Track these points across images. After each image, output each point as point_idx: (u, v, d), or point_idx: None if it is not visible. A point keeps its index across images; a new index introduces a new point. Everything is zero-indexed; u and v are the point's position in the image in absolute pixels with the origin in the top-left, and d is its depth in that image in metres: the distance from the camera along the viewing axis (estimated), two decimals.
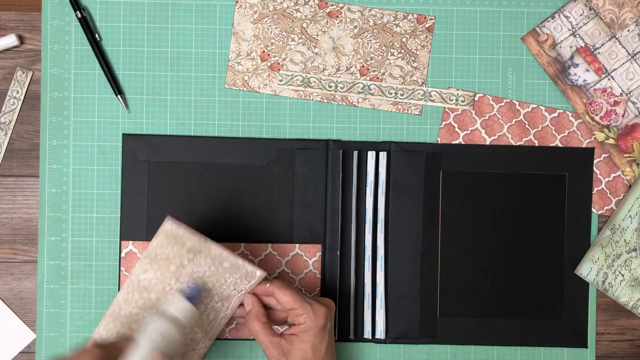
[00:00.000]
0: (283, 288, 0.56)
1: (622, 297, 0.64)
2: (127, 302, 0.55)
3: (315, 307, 0.55)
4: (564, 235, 0.65)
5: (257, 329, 0.56)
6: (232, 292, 0.56)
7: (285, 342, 0.55)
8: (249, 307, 0.57)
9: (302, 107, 0.65)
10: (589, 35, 0.65)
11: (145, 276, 0.55)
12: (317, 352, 0.55)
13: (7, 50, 0.65)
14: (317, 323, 0.55)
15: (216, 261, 0.55)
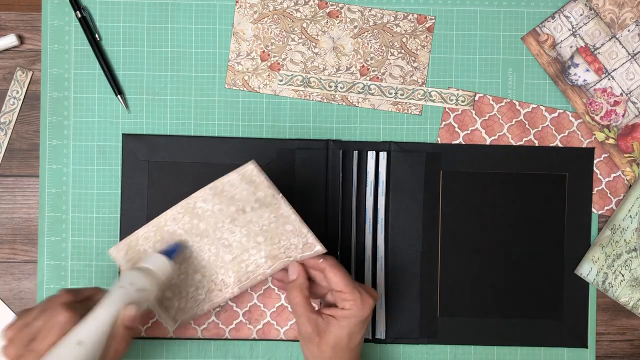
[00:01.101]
0: (336, 268, 0.53)
1: (622, 297, 0.64)
2: (175, 220, 0.55)
3: (364, 297, 0.53)
4: (564, 235, 0.65)
5: (297, 301, 0.53)
6: (281, 255, 0.55)
7: (322, 321, 0.53)
8: (293, 276, 0.54)
9: (302, 107, 0.65)
10: (589, 35, 0.65)
11: (202, 205, 0.54)
12: (351, 340, 0.54)
13: (7, 50, 0.65)
14: (362, 313, 0.53)
15: (280, 220, 0.54)
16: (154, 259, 0.52)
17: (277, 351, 0.65)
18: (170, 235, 0.55)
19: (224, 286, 0.56)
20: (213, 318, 0.64)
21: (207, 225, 0.55)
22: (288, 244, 0.54)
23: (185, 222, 0.55)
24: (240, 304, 0.64)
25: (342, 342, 0.53)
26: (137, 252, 0.56)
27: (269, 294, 0.64)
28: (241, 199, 0.53)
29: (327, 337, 0.53)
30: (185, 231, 0.55)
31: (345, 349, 0.53)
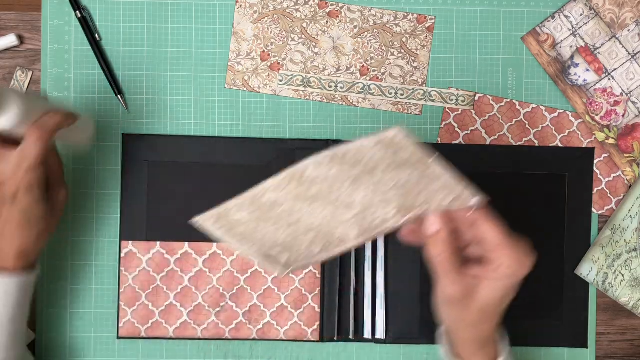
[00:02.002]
0: (491, 220, 0.45)
1: (622, 297, 0.64)
2: (278, 188, 0.48)
3: (524, 254, 0.46)
4: (564, 235, 0.65)
5: (444, 257, 0.45)
6: (416, 205, 0.47)
7: (470, 281, 0.46)
8: (435, 228, 0.46)
9: (302, 107, 0.65)
10: (589, 35, 0.65)
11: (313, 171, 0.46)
12: (502, 303, 0.47)
13: (7, 50, 0.65)
14: (521, 272, 0.46)
15: (424, 180, 0.45)
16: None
17: (277, 351, 0.65)
18: (272, 204, 0.48)
19: (345, 241, 0.49)
20: (213, 318, 0.64)
21: (319, 189, 0.47)
22: (429, 197, 0.46)
23: (290, 190, 0.47)
24: (240, 304, 0.64)
25: (493, 305, 0.46)
26: (230, 220, 0.50)
27: (269, 293, 0.64)
28: (371, 161, 0.45)
29: (476, 300, 0.46)
30: (291, 199, 0.47)
31: (494, 312, 0.47)
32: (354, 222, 0.48)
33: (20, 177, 0.50)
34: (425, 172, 0.44)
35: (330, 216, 0.48)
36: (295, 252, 0.50)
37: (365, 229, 0.48)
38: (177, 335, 0.64)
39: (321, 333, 0.64)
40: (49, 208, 0.54)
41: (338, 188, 0.46)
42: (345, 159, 0.45)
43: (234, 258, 0.64)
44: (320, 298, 0.64)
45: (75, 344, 0.64)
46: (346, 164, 0.45)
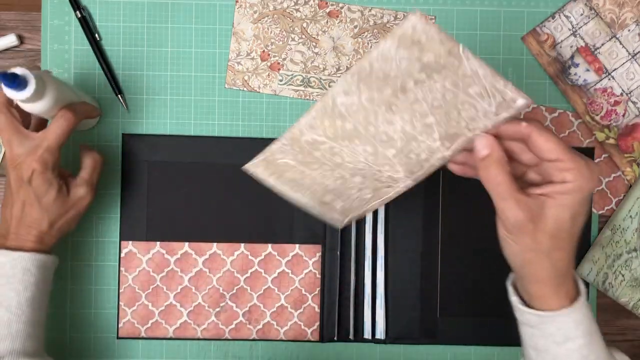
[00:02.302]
0: (546, 132, 0.41)
1: (622, 298, 0.64)
2: (313, 128, 0.45)
3: (587, 163, 0.41)
4: None
5: (499, 180, 0.41)
6: (463, 131, 0.42)
7: (534, 203, 0.41)
8: (485, 151, 0.42)
9: (302, 107, 0.65)
10: (589, 35, 0.65)
11: (344, 99, 0.43)
12: (575, 224, 0.42)
13: (7, 50, 0.65)
14: (588, 184, 0.41)
15: (461, 85, 0.41)
16: None
17: (277, 351, 0.65)
18: (311, 145, 0.46)
19: (393, 182, 0.46)
20: (213, 318, 0.64)
21: (355, 123, 0.44)
22: (473, 113, 0.41)
23: (326, 127, 0.45)
24: (240, 304, 0.64)
25: (564, 226, 0.42)
26: (278, 165, 0.48)
27: (269, 294, 0.64)
28: (399, 73, 0.41)
29: (544, 222, 0.41)
30: (329, 137, 0.45)
31: (567, 236, 0.42)
32: (398, 161, 0.45)
33: (37, 155, 0.52)
34: (458, 73, 0.40)
35: (372, 155, 0.45)
36: (347, 198, 0.48)
37: (412, 166, 0.45)
38: (177, 335, 0.64)
39: (321, 333, 0.64)
40: (63, 197, 0.55)
41: (374, 118, 0.43)
42: (372, 75, 0.41)
43: (234, 258, 0.64)
44: (320, 298, 0.64)
45: (75, 344, 0.64)
46: (374, 83, 0.42)
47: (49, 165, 0.53)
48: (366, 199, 0.48)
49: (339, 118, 0.44)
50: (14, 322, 0.52)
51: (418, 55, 0.40)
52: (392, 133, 0.44)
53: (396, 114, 0.43)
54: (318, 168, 0.48)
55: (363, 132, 0.44)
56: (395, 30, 0.39)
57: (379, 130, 0.44)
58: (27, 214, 0.54)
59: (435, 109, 0.42)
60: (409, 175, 0.46)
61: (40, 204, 0.54)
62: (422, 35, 0.39)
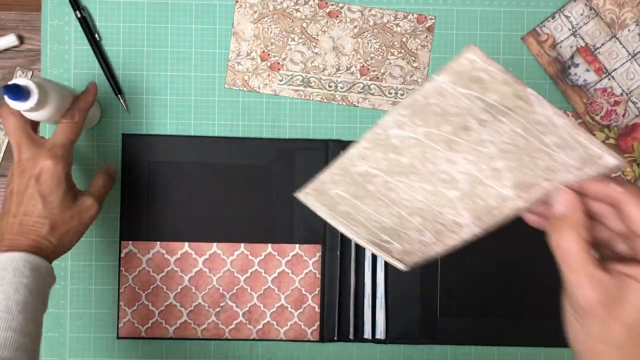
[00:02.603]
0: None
1: None
2: (364, 159, 0.43)
3: None
4: None
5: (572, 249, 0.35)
6: (539, 181, 0.37)
7: (614, 283, 0.34)
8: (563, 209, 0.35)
9: (302, 107, 0.65)
10: (589, 35, 0.65)
11: (397, 132, 0.40)
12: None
13: (7, 50, 0.65)
14: None
15: (533, 131, 0.36)
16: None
17: (277, 351, 0.65)
18: (363, 177, 0.44)
19: (458, 227, 0.42)
20: (213, 318, 0.64)
21: (411, 158, 0.41)
22: (550, 163, 0.36)
23: (378, 159, 0.42)
24: (240, 304, 0.64)
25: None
26: (330, 196, 0.46)
27: (269, 293, 0.64)
28: (459, 111, 0.37)
29: (622, 309, 0.34)
30: (383, 171, 0.42)
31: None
32: (462, 205, 0.41)
33: (48, 151, 0.52)
34: (529, 118, 0.35)
35: (432, 195, 0.42)
36: (406, 241, 0.45)
37: (480, 213, 0.40)
38: (177, 335, 0.64)
39: (321, 333, 0.64)
40: (69, 201, 0.53)
41: (433, 155, 0.40)
42: (427, 110, 0.38)
43: (234, 258, 0.64)
44: (320, 298, 0.64)
45: (75, 344, 0.64)
46: (432, 119, 0.38)
47: (60, 161, 0.52)
48: (427, 243, 0.44)
49: (392, 151, 0.41)
50: (1, 330, 0.45)
51: (480, 94, 0.36)
52: (454, 173, 0.40)
53: (458, 153, 0.39)
54: (372, 203, 0.45)
55: (421, 169, 0.41)
56: (451, 65, 0.36)
57: (439, 168, 0.40)
58: (29, 213, 0.51)
59: (505, 153, 0.37)
60: (476, 222, 0.41)
61: (45, 202, 0.52)
62: (482, 73, 0.35)
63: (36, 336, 0.48)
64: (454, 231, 0.42)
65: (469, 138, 0.38)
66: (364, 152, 0.43)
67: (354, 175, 0.44)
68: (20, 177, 0.52)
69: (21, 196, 0.52)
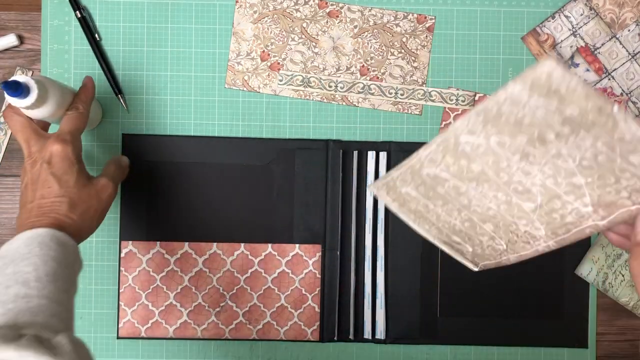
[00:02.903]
0: None
1: (622, 298, 0.64)
2: (433, 162, 0.42)
3: None
4: None
5: None
6: (623, 202, 0.36)
7: None
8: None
9: (302, 107, 0.65)
10: (589, 35, 0.65)
11: (469, 139, 0.38)
12: None
13: (7, 50, 0.65)
14: None
15: (617, 149, 0.34)
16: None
17: (277, 351, 0.65)
18: (433, 179, 0.43)
19: (532, 239, 0.41)
20: (213, 318, 0.64)
21: (483, 166, 0.39)
22: (637, 184, 0.35)
23: (449, 164, 0.41)
24: (240, 304, 0.64)
25: None
26: (400, 194, 0.46)
27: (269, 293, 0.64)
28: (535, 122, 0.35)
29: None
30: (453, 175, 0.41)
31: None
32: (538, 218, 0.40)
33: (56, 136, 0.53)
34: (613, 135, 0.34)
35: (505, 204, 0.41)
36: (477, 244, 0.44)
37: (556, 227, 0.39)
38: (177, 335, 0.64)
39: (321, 333, 0.64)
40: (84, 180, 0.53)
41: (507, 165, 0.38)
42: (500, 119, 0.37)
43: (234, 258, 0.64)
44: (320, 298, 0.64)
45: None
46: (505, 128, 0.37)
47: (69, 144, 0.52)
48: (499, 250, 0.43)
49: (463, 157, 0.40)
50: (34, 297, 0.44)
51: (558, 106, 0.34)
52: (529, 185, 0.39)
53: (534, 165, 0.37)
54: (443, 205, 0.44)
55: (493, 178, 0.40)
56: (527, 74, 0.34)
57: (513, 179, 0.39)
58: (46, 196, 0.51)
59: (585, 169, 0.36)
60: (551, 237, 0.40)
61: (60, 182, 0.51)
62: (561, 86, 0.33)
63: (69, 307, 0.47)
64: (528, 242, 0.41)
65: (545, 150, 0.36)
66: (433, 156, 0.41)
67: (424, 177, 0.43)
68: (32, 167, 0.52)
69: (35, 184, 0.52)
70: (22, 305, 0.43)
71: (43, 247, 0.47)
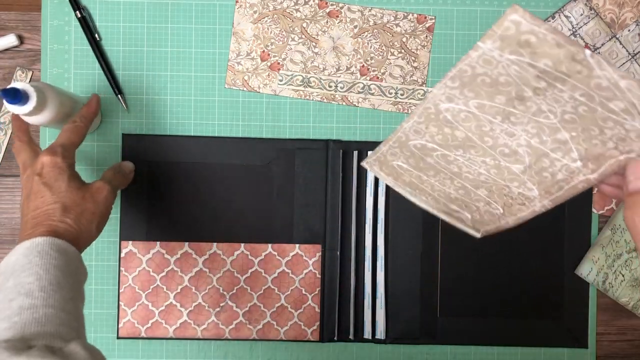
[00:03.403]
0: None
1: (622, 298, 0.64)
2: (418, 133, 0.41)
3: None
4: (564, 235, 0.65)
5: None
6: (611, 152, 0.34)
7: None
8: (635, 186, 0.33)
9: (302, 107, 0.65)
10: (589, 35, 0.65)
11: (448, 106, 0.38)
12: None
13: (7, 50, 0.65)
14: None
15: (597, 98, 0.33)
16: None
17: (277, 351, 0.65)
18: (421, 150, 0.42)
19: (527, 200, 0.41)
20: (213, 318, 0.64)
21: (466, 132, 0.39)
22: (621, 132, 0.33)
23: (433, 134, 0.40)
24: (240, 304, 0.64)
25: None
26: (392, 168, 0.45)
27: (269, 293, 0.64)
28: (511, 80, 0.34)
29: None
30: (439, 144, 0.41)
31: None
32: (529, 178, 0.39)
33: (47, 149, 0.52)
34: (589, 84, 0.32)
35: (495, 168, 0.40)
36: (475, 211, 0.44)
37: (548, 186, 0.38)
38: (177, 335, 0.64)
39: (321, 333, 0.64)
40: (77, 184, 0.53)
41: (490, 129, 0.37)
42: (476, 81, 0.36)
43: (234, 258, 0.64)
44: (320, 298, 0.64)
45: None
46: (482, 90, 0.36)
47: (59, 155, 0.52)
48: (497, 214, 0.43)
49: (446, 125, 0.39)
50: (40, 307, 0.42)
51: (530, 59, 0.33)
52: (515, 147, 0.38)
53: (517, 125, 0.36)
54: (435, 175, 0.44)
55: (479, 143, 0.39)
56: (494, 29, 0.33)
57: (498, 142, 0.38)
58: (39, 206, 0.50)
59: (568, 123, 0.34)
60: (545, 196, 0.39)
61: (51, 190, 0.51)
62: (529, 36, 0.32)
63: (78, 315, 0.45)
64: (524, 204, 0.40)
65: (526, 108, 0.35)
66: (417, 127, 0.40)
67: (412, 149, 0.43)
68: (27, 182, 0.53)
69: (29, 197, 0.52)
70: (28, 316, 0.41)
71: (43, 256, 0.46)
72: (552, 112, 0.34)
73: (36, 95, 0.50)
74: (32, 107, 0.50)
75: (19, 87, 0.50)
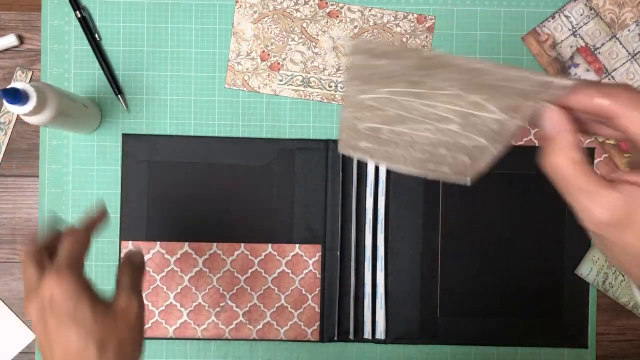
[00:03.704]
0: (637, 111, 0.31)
1: (622, 298, 0.64)
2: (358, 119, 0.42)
3: None
4: (564, 235, 0.65)
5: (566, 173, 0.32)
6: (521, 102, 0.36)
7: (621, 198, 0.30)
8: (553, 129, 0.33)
9: (302, 107, 0.65)
10: (589, 35, 0.65)
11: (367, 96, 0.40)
12: None
13: (7, 50, 0.65)
14: None
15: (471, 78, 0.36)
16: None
17: (277, 351, 0.65)
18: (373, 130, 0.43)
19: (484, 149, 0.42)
20: (213, 318, 0.64)
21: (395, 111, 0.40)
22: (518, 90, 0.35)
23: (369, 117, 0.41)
24: (240, 304, 0.64)
25: None
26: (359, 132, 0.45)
27: (269, 293, 0.64)
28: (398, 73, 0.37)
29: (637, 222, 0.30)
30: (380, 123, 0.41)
31: None
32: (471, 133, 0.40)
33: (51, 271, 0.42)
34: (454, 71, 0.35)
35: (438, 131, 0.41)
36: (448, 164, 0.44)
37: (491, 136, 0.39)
38: (177, 335, 0.64)
39: (321, 333, 0.64)
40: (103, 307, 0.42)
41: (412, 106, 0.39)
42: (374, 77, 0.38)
43: (234, 258, 0.64)
44: (320, 298, 0.64)
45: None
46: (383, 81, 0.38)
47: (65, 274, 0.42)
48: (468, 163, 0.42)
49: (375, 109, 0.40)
50: None
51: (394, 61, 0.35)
52: (441, 113, 0.39)
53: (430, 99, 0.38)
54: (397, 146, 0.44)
55: (410, 117, 0.40)
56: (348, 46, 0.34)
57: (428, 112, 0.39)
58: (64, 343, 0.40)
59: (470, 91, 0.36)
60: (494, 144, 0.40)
61: (75, 322, 0.40)
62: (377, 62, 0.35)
63: None
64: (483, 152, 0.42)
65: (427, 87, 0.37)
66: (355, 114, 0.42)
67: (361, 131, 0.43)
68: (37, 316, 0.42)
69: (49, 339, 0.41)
70: None
71: None
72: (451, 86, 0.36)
73: (36, 95, 0.50)
74: (32, 107, 0.50)
75: (19, 87, 0.50)
